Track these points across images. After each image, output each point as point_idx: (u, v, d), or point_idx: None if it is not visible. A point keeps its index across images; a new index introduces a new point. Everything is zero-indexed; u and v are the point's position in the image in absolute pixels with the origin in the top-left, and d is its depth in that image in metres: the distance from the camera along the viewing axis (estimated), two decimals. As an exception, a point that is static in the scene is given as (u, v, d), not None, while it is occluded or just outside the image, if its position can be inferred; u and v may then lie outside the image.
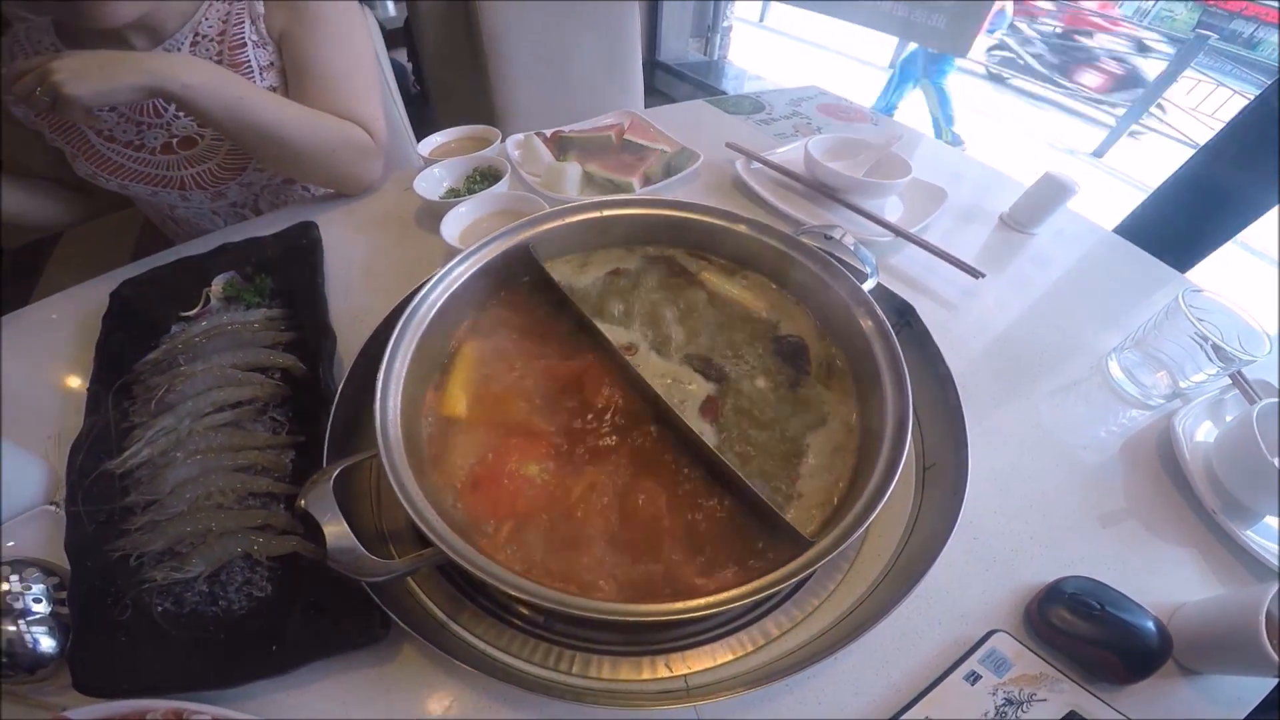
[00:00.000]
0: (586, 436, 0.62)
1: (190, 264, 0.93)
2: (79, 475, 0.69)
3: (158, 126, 0.98)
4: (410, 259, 0.98)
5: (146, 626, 0.58)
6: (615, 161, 1.12)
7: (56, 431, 0.80)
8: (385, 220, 1.06)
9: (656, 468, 0.60)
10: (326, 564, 0.49)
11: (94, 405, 0.76)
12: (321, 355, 0.76)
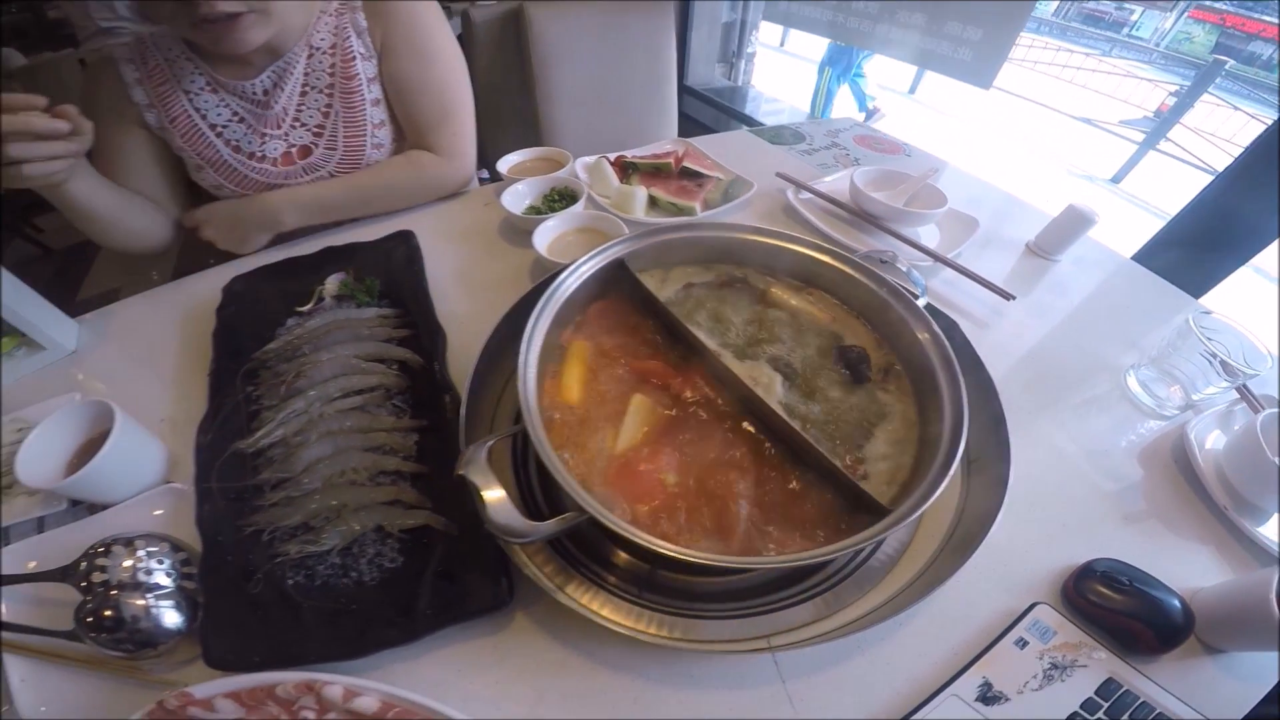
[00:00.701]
0: (684, 422, 0.70)
1: (297, 263, 1.01)
2: (209, 454, 0.75)
3: (277, 137, 1.07)
4: (499, 269, 1.06)
5: (278, 599, 0.62)
6: (676, 186, 1.21)
7: (169, 415, 0.88)
8: (472, 232, 1.15)
9: (746, 448, 0.67)
10: (483, 527, 0.56)
11: (217, 389, 0.83)
12: (435, 350, 0.84)
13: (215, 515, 0.70)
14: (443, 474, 0.73)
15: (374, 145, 1.13)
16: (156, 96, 1.01)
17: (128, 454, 0.75)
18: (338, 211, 1.13)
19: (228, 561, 0.66)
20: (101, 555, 0.66)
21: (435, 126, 1.14)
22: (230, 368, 0.84)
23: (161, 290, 1.09)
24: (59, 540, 0.73)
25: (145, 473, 0.77)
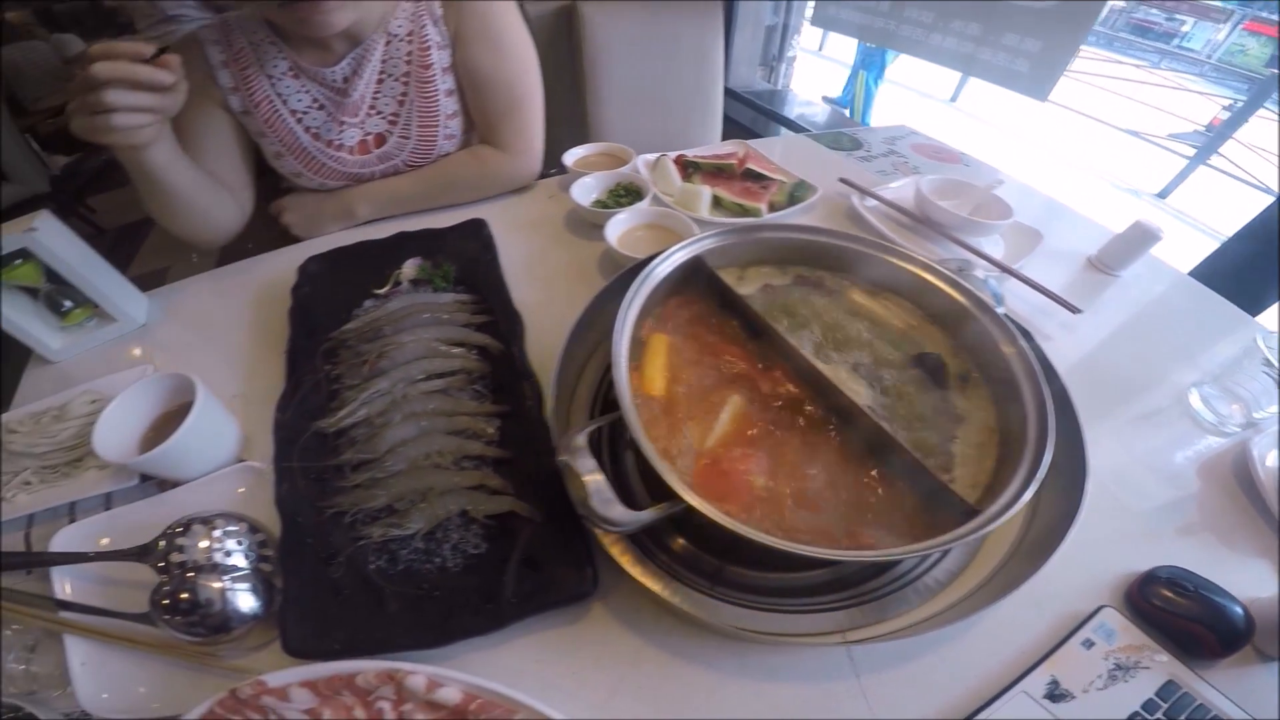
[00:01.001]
0: (768, 418, 0.69)
1: (371, 247, 1.01)
2: (288, 432, 0.74)
3: (354, 125, 1.07)
4: (568, 259, 1.06)
5: (359, 584, 0.60)
6: (740, 188, 1.20)
7: (241, 391, 0.87)
8: (540, 223, 1.14)
9: (830, 447, 0.66)
10: (567, 514, 0.56)
11: (294, 366, 0.83)
12: (514, 337, 0.84)
13: (295, 495, 0.69)
14: (525, 460, 0.72)
15: (446, 136, 1.13)
16: (241, 80, 1.01)
17: (206, 430, 0.74)
18: (408, 205, 1.15)
19: (307, 544, 0.65)
20: (180, 535, 0.64)
21: (503, 120, 1.13)
22: (307, 346, 0.84)
23: (230, 269, 1.09)
24: (129, 517, 0.72)
25: (221, 450, 0.77)
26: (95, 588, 0.68)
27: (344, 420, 0.73)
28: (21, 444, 0.80)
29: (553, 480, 0.64)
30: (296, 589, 0.61)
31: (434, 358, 0.79)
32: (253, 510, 0.70)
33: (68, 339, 0.98)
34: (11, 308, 0.92)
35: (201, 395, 0.71)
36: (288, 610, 0.60)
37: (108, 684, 0.60)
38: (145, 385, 0.76)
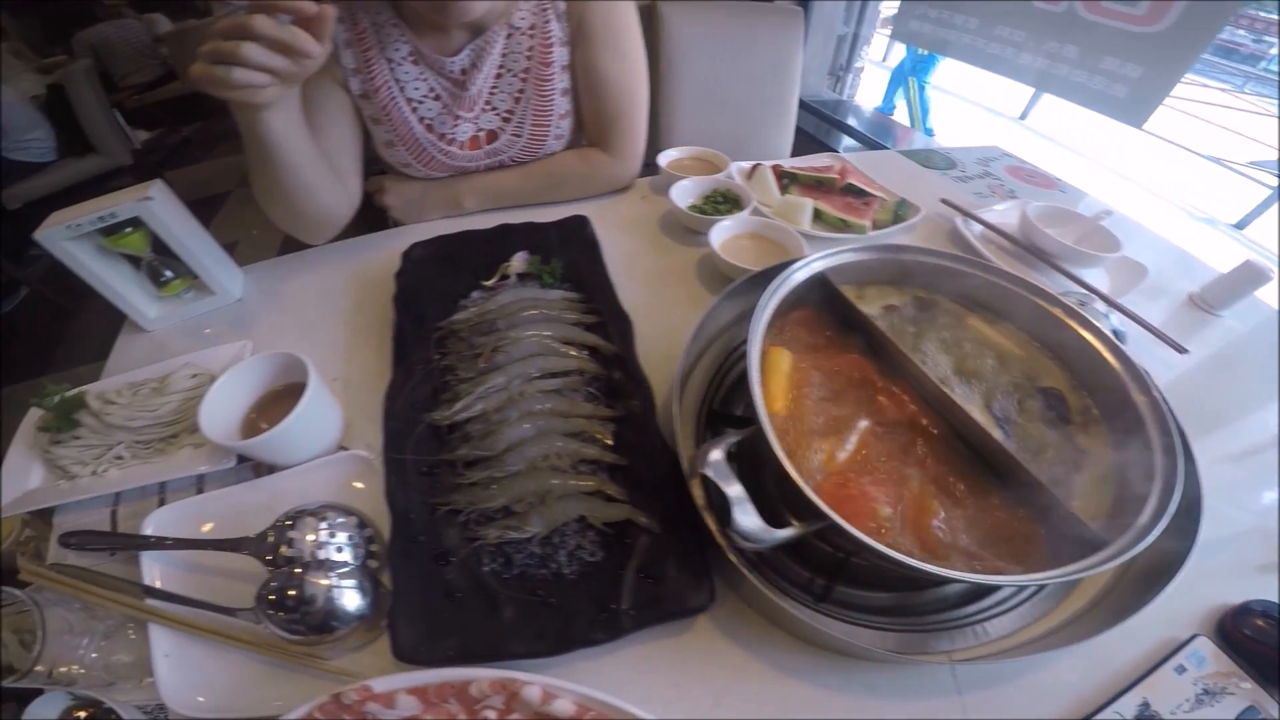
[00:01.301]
0: (892, 437, 0.66)
1: (474, 237, 0.99)
2: (399, 422, 0.72)
3: (468, 120, 1.06)
4: (666, 263, 1.03)
5: (473, 587, 0.58)
6: (841, 202, 1.17)
7: (341, 374, 0.85)
8: (635, 223, 1.12)
9: (954, 472, 0.64)
10: (701, 526, 0.53)
11: (402, 353, 0.81)
12: (625, 340, 0.81)
13: (406, 490, 0.66)
14: (640, 468, 0.69)
15: (555, 136, 1.11)
16: (363, 61, 0.99)
17: (316, 415, 0.71)
18: (512, 200, 1.14)
19: (419, 542, 0.62)
20: (290, 527, 0.62)
21: (612, 124, 1.11)
22: (416, 333, 0.82)
23: (325, 250, 1.08)
24: (225, 502, 0.70)
25: (324, 437, 0.74)
26: (182, 575, 0.65)
27: (460, 414, 0.71)
28: (120, 416, 0.77)
29: (668, 489, 0.65)
30: (407, 589, 0.58)
31: (549, 356, 0.77)
32: (356, 502, 0.68)
33: (163, 309, 0.98)
34: (114, 275, 0.92)
35: (314, 378, 0.69)
36: (398, 612, 0.57)
37: (192, 679, 0.57)
38: (252, 364, 0.74)
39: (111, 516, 0.73)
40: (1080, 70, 1.81)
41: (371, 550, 0.63)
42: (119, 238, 0.89)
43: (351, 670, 0.57)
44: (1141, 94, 1.67)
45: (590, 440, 0.71)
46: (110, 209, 0.84)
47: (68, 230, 0.84)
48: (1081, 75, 1.82)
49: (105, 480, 0.75)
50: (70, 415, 0.77)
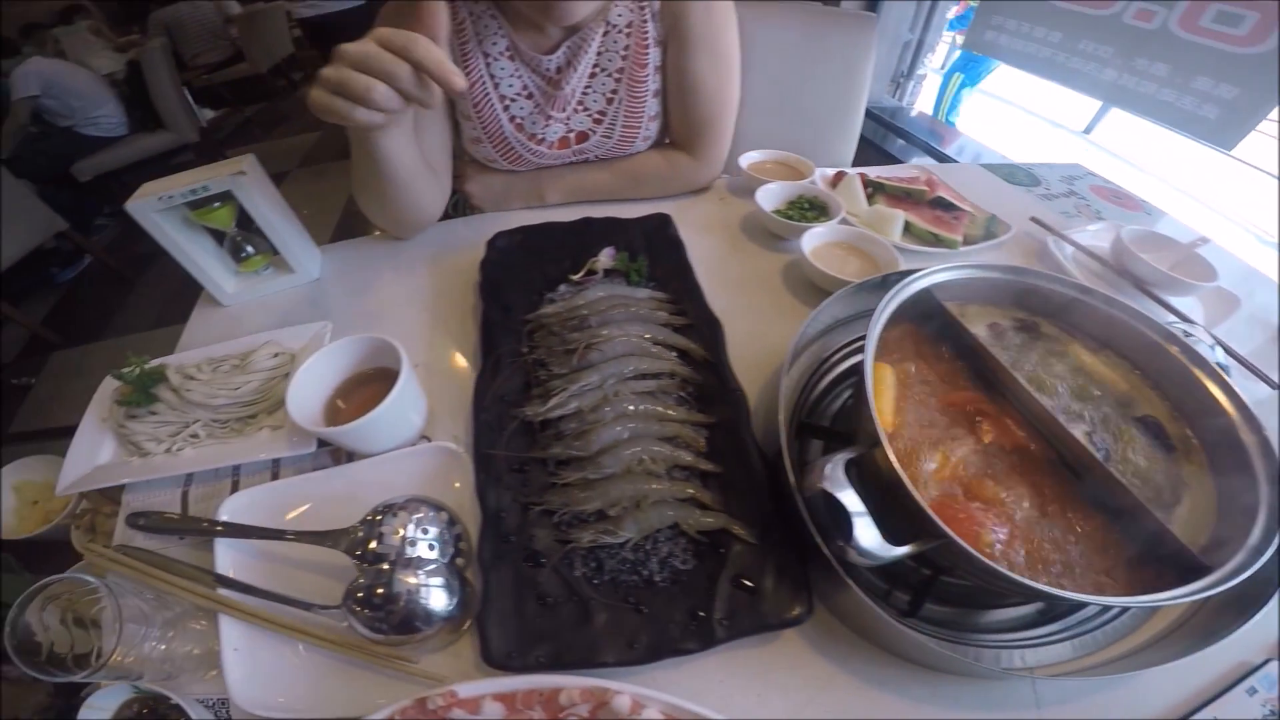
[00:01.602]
0: (996, 458, 0.63)
1: (556, 229, 0.97)
2: (490, 415, 0.70)
3: (559, 120, 1.03)
4: (749, 267, 1.00)
5: (564, 592, 0.56)
6: (930, 216, 1.13)
7: (423, 360, 0.83)
8: (714, 225, 1.09)
9: (1057, 495, 0.61)
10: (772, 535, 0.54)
11: (490, 344, 0.78)
12: (717, 344, 0.78)
13: (498, 487, 0.64)
14: (734, 477, 0.66)
15: (644, 138, 1.09)
16: (460, 54, 0.97)
17: (405, 404, 0.69)
18: (594, 195, 1.12)
19: (511, 542, 0.60)
20: (380, 522, 0.59)
21: (701, 129, 1.09)
22: (503, 323, 0.80)
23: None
24: (304, 490, 0.68)
25: (409, 426, 0.72)
26: (255, 564, 0.63)
27: (554, 411, 0.68)
28: (200, 393, 0.76)
29: (763, 499, 0.63)
30: (497, 591, 0.56)
31: (643, 356, 0.74)
32: (441, 497, 0.65)
33: (241, 284, 0.98)
34: (196, 248, 0.92)
35: (407, 365, 0.67)
36: (488, 615, 0.55)
37: (261, 675, 0.55)
38: (341, 347, 0.72)
39: (182, 498, 0.72)
40: (1169, 89, 1.74)
41: (460, 548, 0.61)
42: (206, 211, 0.88)
43: (434, 674, 0.55)
44: (1235, 117, 1.59)
45: (684, 446, 0.68)
46: (203, 182, 0.84)
47: (158, 202, 0.84)
48: (1170, 94, 1.74)
49: (179, 460, 0.73)
50: (149, 389, 0.76)
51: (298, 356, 0.82)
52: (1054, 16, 2.03)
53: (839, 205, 1.05)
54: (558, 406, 0.69)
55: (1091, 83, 1.97)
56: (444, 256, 0.99)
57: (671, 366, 0.74)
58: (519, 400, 0.72)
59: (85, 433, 0.76)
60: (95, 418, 0.77)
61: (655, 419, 0.69)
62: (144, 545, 0.65)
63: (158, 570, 0.60)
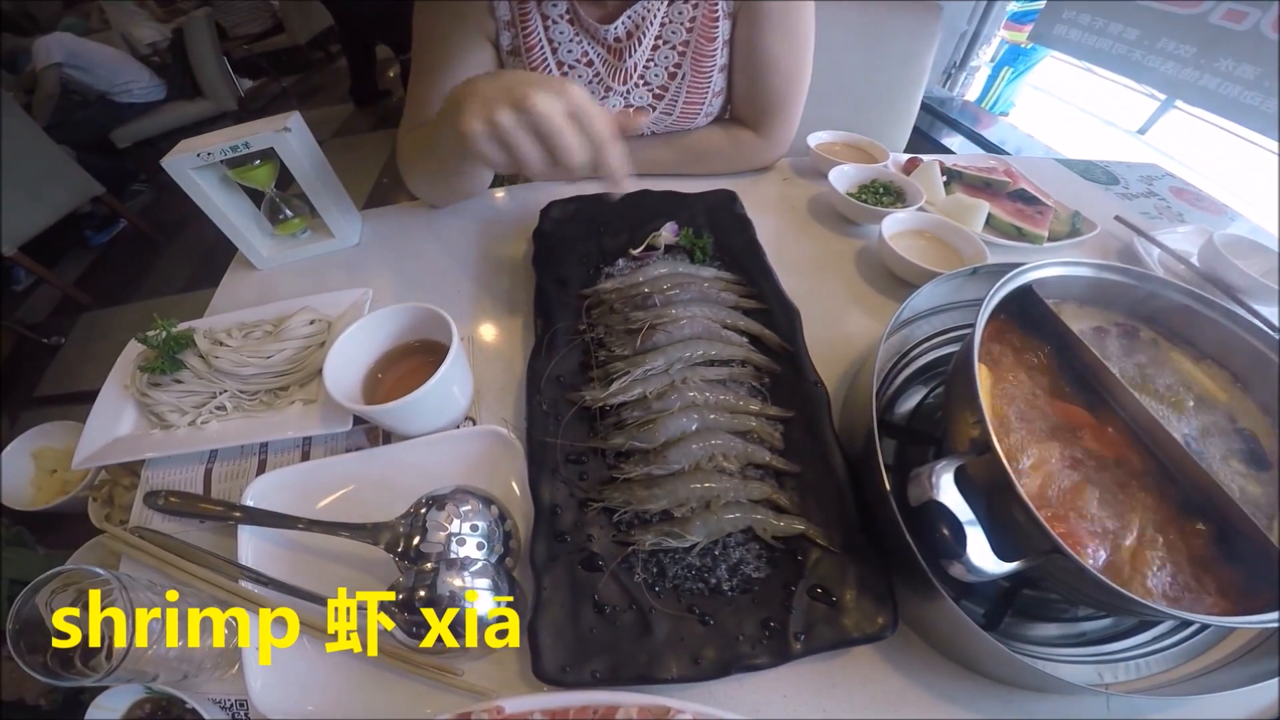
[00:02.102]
0: (1095, 466, 0.57)
1: (611, 200, 0.91)
2: (545, 399, 0.63)
3: (619, 94, 0.96)
4: (819, 251, 0.93)
5: (623, 599, 0.51)
6: (1012, 208, 1.05)
7: (468, 334, 0.78)
8: (779, 205, 1.02)
9: (1160, 507, 0.56)
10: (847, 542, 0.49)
11: (544, 319, 0.72)
12: (794, 331, 0.70)
13: (553, 480, 0.58)
14: (814, 477, 0.60)
15: (706, 114, 1.03)
16: (519, 14, 0.90)
17: (453, 382, 0.62)
18: (649, 169, 1.05)
19: (565, 541, 0.54)
20: (424, 515, 0.54)
21: (771, 108, 1.02)
22: (559, 298, 0.74)
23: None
24: (336, 472, 0.61)
25: (456, 406, 0.66)
26: (282, 554, 0.57)
27: (616, 396, 0.62)
28: (229, 361, 0.70)
29: (846, 503, 0.57)
30: (550, 597, 0.51)
31: (713, 341, 0.67)
32: (488, 486, 0.59)
33: (277, 247, 0.93)
34: (233, 208, 0.87)
35: (457, 339, 0.61)
36: (540, 623, 0.49)
37: (286, 679, 0.50)
38: (383, 316, 0.66)
39: (205, 476, 0.66)
40: (1254, 92, 1.63)
41: (509, 546, 0.55)
42: (246, 169, 0.83)
43: (478, 686, 0.49)
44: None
45: (759, 441, 0.61)
46: (245, 138, 0.79)
47: (196, 159, 0.79)
48: (1255, 98, 1.63)
49: (204, 434, 0.68)
50: (175, 355, 0.70)
51: (335, 325, 0.77)
52: (1133, 14, 1.94)
53: (918, 191, 0.98)
54: (620, 392, 0.62)
55: (1167, 81, 1.89)
56: (492, 226, 0.93)
57: (745, 353, 0.67)
58: (576, 382, 0.66)
59: (106, 401, 0.71)
60: (117, 384, 0.72)
61: (727, 410, 0.62)
62: (163, 527, 0.60)
63: (176, 557, 0.55)
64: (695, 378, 0.63)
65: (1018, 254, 0.96)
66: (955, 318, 0.80)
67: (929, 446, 0.68)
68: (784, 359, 0.69)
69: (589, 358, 0.68)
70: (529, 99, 0.54)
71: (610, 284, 0.74)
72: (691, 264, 0.78)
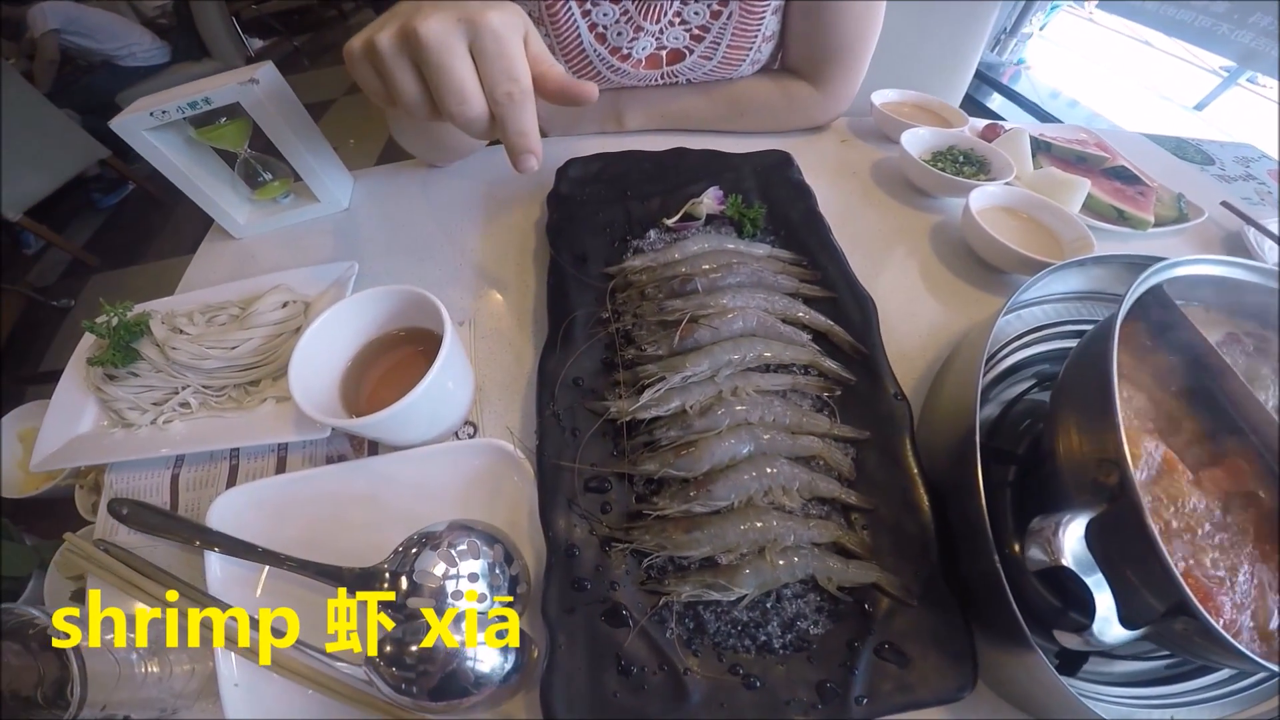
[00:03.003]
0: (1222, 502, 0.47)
1: (643, 160, 0.78)
2: (560, 408, 0.52)
3: (651, 34, 0.81)
4: (887, 224, 0.79)
5: (653, 657, 0.43)
6: (1110, 187, 0.90)
7: (469, 318, 0.67)
8: (838, 171, 0.87)
9: None
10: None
11: (560, 305, 0.60)
12: (869, 329, 0.57)
13: (570, 513, 0.47)
14: (891, 514, 0.48)
15: (753, 61, 0.88)
16: None
17: (446, 384, 0.51)
18: (684, 123, 0.93)
19: (585, 590, 0.44)
20: (415, 556, 0.46)
21: (834, 58, 0.87)
22: (577, 279, 0.61)
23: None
24: (316, 486, 0.53)
25: (453, 412, 0.55)
26: (253, 579, 0.50)
27: (649, 409, 0.49)
28: (188, 353, 0.60)
29: (926, 547, 0.46)
30: (566, 654, 0.42)
31: (770, 340, 0.54)
32: (491, 511, 0.50)
33: (256, 214, 0.82)
34: (202, 173, 0.76)
35: (451, 334, 0.49)
36: (553, 684, 0.40)
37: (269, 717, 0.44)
38: (362, 301, 0.55)
39: (172, 483, 0.59)
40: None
41: (517, 593, 0.46)
42: (212, 129, 0.73)
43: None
44: None
45: (826, 470, 0.49)
46: (205, 93, 0.68)
47: (150, 118, 0.69)
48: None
49: (167, 435, 0.60)
50: (129, 345, 0.61)
51: (313, 306, 0.65)
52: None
53: (1006, 163, 0.83)
54: (653, 404, 0.49)
55: (1253, 58, 1.81)
56: (501, 186, 0.81)
57: (810, 356, 0.54)
58: (597, 386, 0.54)
59: (65, 394, 0.63)
60: (76, 375, 0.63)
61: (788, 431, 0.49)
62: (131, 540, 0.53)
63: (142, 578, 0.49)
64: (748, 387, 0.51)
65: (1118, 240, 0.82)
66: (1046, 313, 0.66)
67: (1010, 466, 0.56)
68: (857, 364, 0.56)
69: (614, 355, 0.55)
70: (415, 19, 0.42)
71: (639, 261, 0.61)
72: (740, 239, 0.65)
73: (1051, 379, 0.64)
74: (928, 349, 0.64)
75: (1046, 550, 0.38)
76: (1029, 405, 0.62)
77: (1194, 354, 0.54)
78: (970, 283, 0.71)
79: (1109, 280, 0.63)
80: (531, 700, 0.42)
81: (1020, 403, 0.62)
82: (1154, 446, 0.49)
